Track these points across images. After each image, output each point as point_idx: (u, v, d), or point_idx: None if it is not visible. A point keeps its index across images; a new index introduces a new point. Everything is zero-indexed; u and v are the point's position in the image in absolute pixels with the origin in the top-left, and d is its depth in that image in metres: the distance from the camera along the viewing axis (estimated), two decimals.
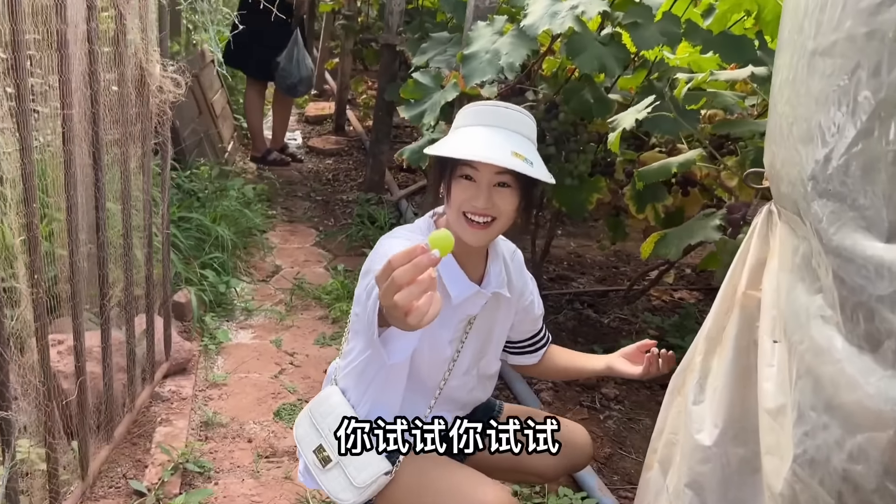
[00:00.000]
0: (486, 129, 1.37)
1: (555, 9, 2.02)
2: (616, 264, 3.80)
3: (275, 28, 4.42)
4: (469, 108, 1.41)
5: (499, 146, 1.34)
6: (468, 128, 1.39)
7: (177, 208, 3.20)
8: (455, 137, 1.38)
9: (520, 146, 1.38)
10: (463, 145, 1.34)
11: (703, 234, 1.46)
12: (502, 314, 1.63)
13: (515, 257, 1.67)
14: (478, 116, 1.39)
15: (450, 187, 1.39)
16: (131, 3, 1.83)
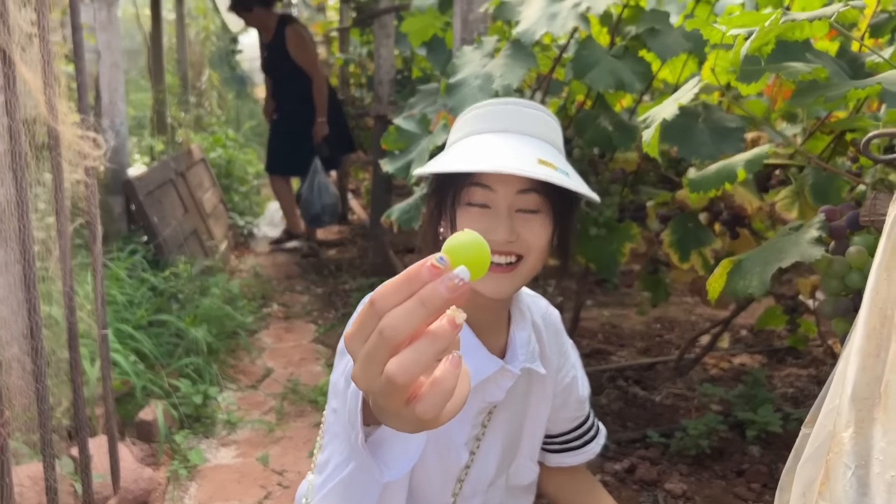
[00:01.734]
0: (496, 136, 0.98)
1: (553, 9, 1.64)
2: (659, 332, 3.29)
3: (295, 120, 4.66)
4: (469, 112, 1.02)
5: (519, 154, 0.93)
6: (471, 137, 1.00)
7: (145, 311, 2.78)
8: (455, 150, 0.99)
9: (546, 153, 0.96)
10: (468, 157, 0.94)
11: (797, 252, 1.02)
12: (536, 398, 1.16)
13: (549, 318, 1.21)
14: (483, 121, 1.00)
15: (454, 220, 0.97)
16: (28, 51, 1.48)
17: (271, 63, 4.65)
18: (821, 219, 1.08)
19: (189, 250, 3.81)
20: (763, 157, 1.17)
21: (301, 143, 4.63)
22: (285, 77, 4.59)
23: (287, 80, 4.59)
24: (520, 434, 1.17)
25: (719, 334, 2.59)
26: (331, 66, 5.68)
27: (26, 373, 1.69)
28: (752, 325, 3.15)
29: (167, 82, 5.00)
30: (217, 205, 4.99)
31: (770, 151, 1.20)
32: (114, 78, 3.28)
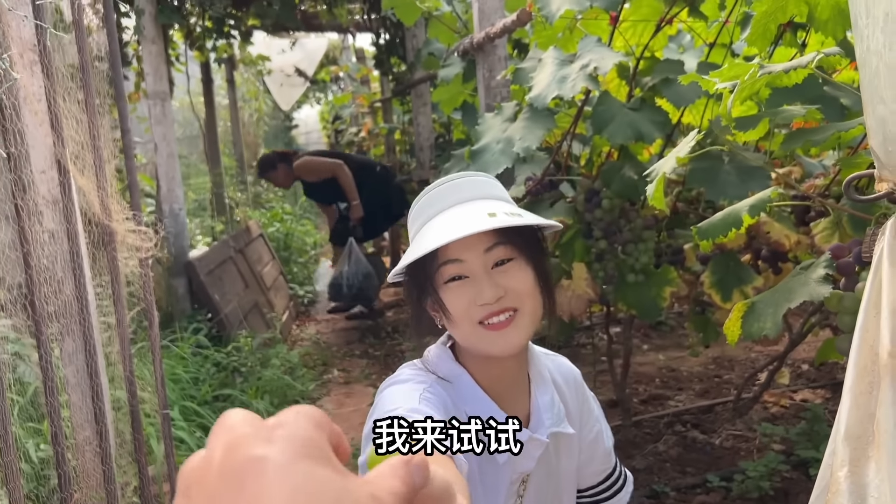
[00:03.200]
0: (444, 214, 1.02)
1: (563, 73, 1.71)
2: (717, 373, 3.24)
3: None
4: (415, 206, 1.07)
5: (467, 218, 0.98)
6: (424, 225, 1.04)
7: (209, 387, 2.90)
8: (415, 242, 1.04)
9: (493, 206, 1.00)
10: (425, 243, 0.99)
11: (806, 292, 1.03)
12: (566, 458, 1.17)
13: (569, 374, 1.23)
14: (428, 208, 1.04)
15: (442, 301, 1.01)
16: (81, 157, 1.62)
17: (308, 194, 5.21)
18: (827, 257, 1.09)
19: (251, 324, 3.96)
20: (767, 200, 1.19)
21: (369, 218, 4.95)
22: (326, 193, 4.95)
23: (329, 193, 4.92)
24: (557, 497, 1.18)
25: (776, 371, 2.54)
26: (377, 135, 5.87)
27: (95, 455, 1.80)
28: (813, 359, 3.07)
29: (224, 164, 5.26)
30: (277, 277, 5.16)
31: (774, 194, 1.22)
32: (170, 167, 3.49)
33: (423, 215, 1.03)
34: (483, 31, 2.18)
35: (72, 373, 1.98)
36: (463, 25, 2.75)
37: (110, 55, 1.81)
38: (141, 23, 3.37)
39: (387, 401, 1.02)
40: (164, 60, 3.59)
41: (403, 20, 2.84)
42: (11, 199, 1.39)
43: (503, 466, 1.05)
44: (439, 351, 1.08)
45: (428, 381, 1.03)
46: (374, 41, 4.53)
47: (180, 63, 4.54)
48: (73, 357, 1.95)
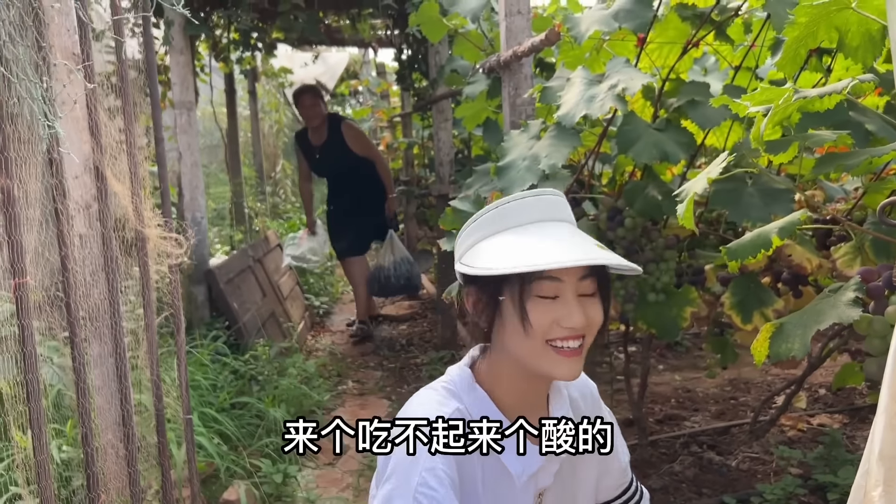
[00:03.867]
0: (539, 227, 1.03)
1: (591, 92, 1.73)
2: (733, 395, 3.23)
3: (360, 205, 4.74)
4: (485, 215, 1.05)
5: (577, 243, 1.00)
6: (511, 233, 1.03)
7: (228, 394, 2.92)
8: (505, 248, 1.01)
9: (588, 237, 1.04)
10: (539, 253, 0.98)
11: (835, 314, 1.04)
12: (582, 473, 1.18)
13: (585, 389, 1.24)
14: (505, 219, 1.04)
15: (524, 315, 1.00)
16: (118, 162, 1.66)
17: (327, 162, 4.72)
18: (857, 280, 1.11)
19: (268, 333, 3.99)
20: (796, 223, 1.21)
21: (365, 225, 4.76)
22: (345, 171, 4.69)
23: (347, 173, 4.69)
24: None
25: (793, 394, 2.54)
26: (395, 149, 5.92)
27: (119, 458, 1.82)
28: (831, 384, 3.06)
29: (244, 175, 5.31)
30: (293, 287, 5.20)
31: (803, 217, 1.23)
32: (194, 176, 3.54)
33: (498, 225, 1.04)
34: (510, 50, 2.21)
35: (98, 376, 2.01)
36: (489, 44, 2.78)
37: (147, 65, 1.85)
38: (170, 33, 3.43)
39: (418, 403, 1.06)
40: (191, 71, 3.65)
41: (429, 37, 2.87)
42: (52, 203, 1.43)
43: (522, 487, 1.07)
44: (461, 373, 1.10)
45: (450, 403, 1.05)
46: (396, 56, 4.58)
47: (205, 74, 4.60)
48: (100, 361, 1.98)
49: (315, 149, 4.66)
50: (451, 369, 1.14)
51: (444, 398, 1.07)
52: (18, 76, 1.24)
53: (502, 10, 2.27)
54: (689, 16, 2.01)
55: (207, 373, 2.97)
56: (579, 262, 0.95)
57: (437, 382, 1.12)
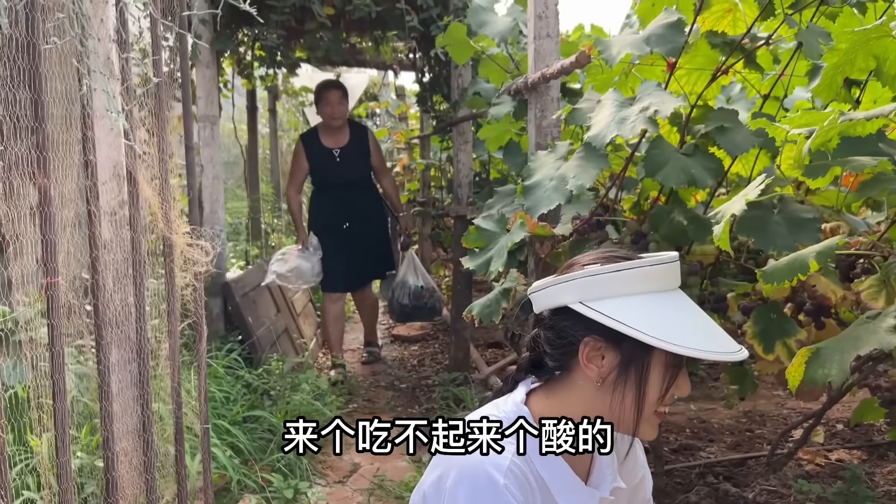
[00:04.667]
0: (680, 298, 1.03)
1: (622, 114, 1.74)
2: (749, 426, 3.20)
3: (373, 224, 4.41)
4: (644, 270, 1.00)
5: (720, 331, 1.02)
6: (659, 299, 1.00)
7: (241, 407, 2.91)
8: (666, 318, 0.98)
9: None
10: (709, 337, 0.98)
11: (875, 340, 1.03)
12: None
13: None
14: (661, 279, 1.01)
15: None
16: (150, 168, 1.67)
17: (346, 166, 4.30)
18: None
19: (281, 348, 3.98)
20: (834, 248, 1.20)
21: (377, 247, 4.45)
22: (361, 181, 4.37)
23: (362, 184, 4.38)
24: None
25: (811, 428, 2.51)
26: (412, 170, 5.96)
27: (133, 466, 1.81)
28: (849, 419, 3.02)
29: (262, 191, 5.34)
30: (306, 304, 5.20)
31: (841, 242, 1.23)
32: (215, 189, 3.57)
33: (641, 285, 0.99)
34: (539, 72, 2.23)
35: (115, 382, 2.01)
36: (515, 66, 2.80)
37: (182, 77, 1.87)
38: (198, 48, 3.47)
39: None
40: (216, 86, 3.69)
41: (455, 59, 2.90)
42: (86, 205, 1.43)
43: None
44: (518, 410, 1.08)
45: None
46: (418, 79, 4.62)
47: (227, 89, 4.65)
48: (120, 367, 1.98)
49: (332, 151, 4.28)
50: (503, 402, 1.11)
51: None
52: (90, 70, 1.25)
53: (531, 32, 2.29)
54: (720, 43, 2.01)
55: (221, 385, 2.96)
56: (736, 356, 0.97)
57: (487, 414, 1.09)
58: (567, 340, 1.03)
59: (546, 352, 1.06)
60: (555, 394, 1.07)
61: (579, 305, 0.99)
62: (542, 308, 1.07)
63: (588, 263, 1.04)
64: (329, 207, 4.31)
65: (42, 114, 1.26)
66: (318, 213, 4.39)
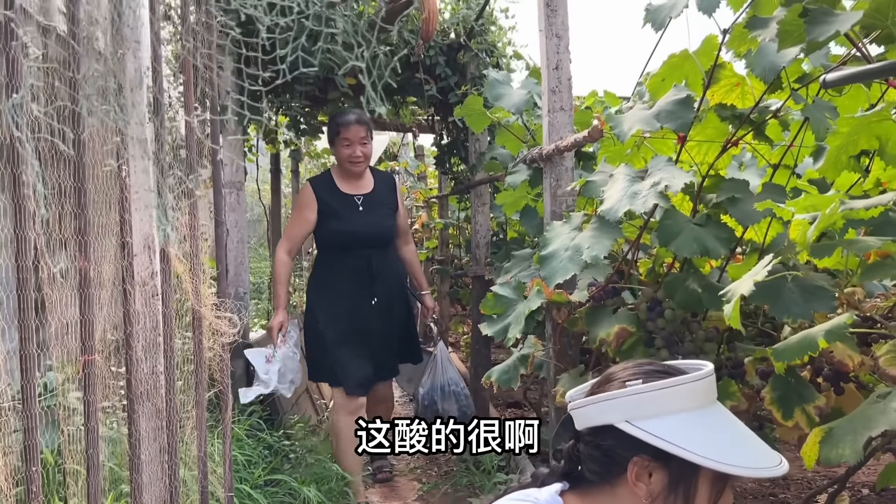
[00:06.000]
0: (720, 412, 1.08)
1: (634, 189, 1.80)
2: (772, 490, 3.16)
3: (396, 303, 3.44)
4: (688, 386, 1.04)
5: (764, 444, 1.07)
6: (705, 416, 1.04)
7: (262, 470, 2.94)
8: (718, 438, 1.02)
9: None
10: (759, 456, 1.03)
11: (886, 420, 1.06)
12: None
13: None
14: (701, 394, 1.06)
15: (713, 502, 1.04)
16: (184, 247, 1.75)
17: (370, 219, 3.33)
18: None
19: (301, 409, 4.01)
20: (844, 327, 1.24)
21: (410, 329, 3.60)
22: (386, 243, 3.42)
23: (387, 247, 3.44)
24: None
25: (837, 493, 2.48)
26: (432, 229, 6.05)
27: None
28: (874, 484, 2.98)
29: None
30: None
31: (849, 321, 1.26)
32: (239, 252, 3.66)
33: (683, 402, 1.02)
34: (553, 144, 2.30)
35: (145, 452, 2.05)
36: (530, 136, 2.89)
37: (212, 153, 1.96)
38: (226, 119, 3.61)
39: None
40: (241, 152, 3.82)
41: (473, 128, 3.00)
42: (122, 284, 1.50)
43: None
44: (552, 500, 1.11)
45: None
46: (436, 142, 4.74)
47: (252, 154, 4.79)
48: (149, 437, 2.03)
49: (353, 199, 3.32)
50: (534, 492, 1.14)
51: None
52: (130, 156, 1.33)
53: (545, 105, 2.38)
54: (728, 116, 2.08)
55: (243, 448, 2.99)
56: (777, 471, 1.00)
57: (517, 500, 1.12)
58: (613, 460, 1.05)
59: (589, 467, 1.09)
60: (592, 500, 1.09)
61: (625, 425, 1.02)
62: (586, 425, 1.09)
63: (628, 379, 1.07)
64: (351, 275, 3.26)
65: (84, 201, 1.34)
66: (333, 284, 3.29)
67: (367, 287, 3.30)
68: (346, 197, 3.34)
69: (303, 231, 3.38)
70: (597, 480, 1.08)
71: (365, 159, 3.33)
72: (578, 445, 1.10)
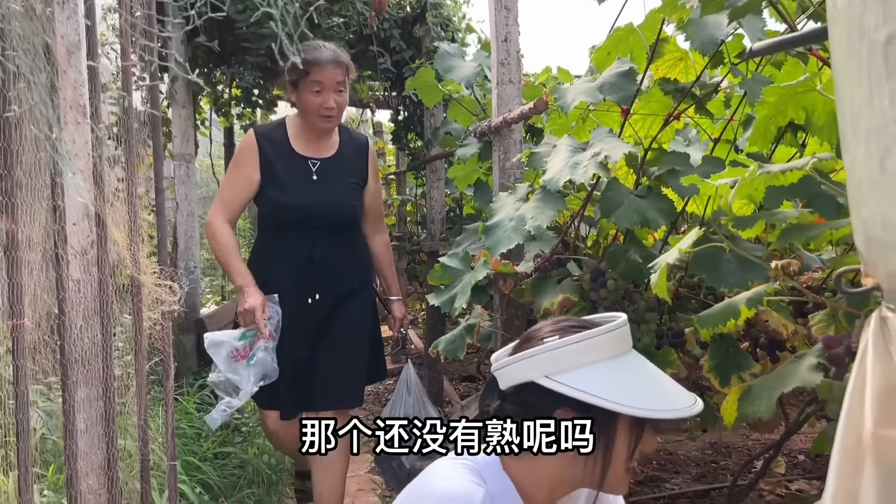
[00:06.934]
0: (637, 360, 1.12)
1: (576, 159, 1.82)
2: (714, 458, 3.25)
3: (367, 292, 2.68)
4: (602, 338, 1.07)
5: (676, 387, 1.12)
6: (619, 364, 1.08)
7: (212, 443, 2.92)
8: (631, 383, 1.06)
9: None
10: (674, 397, 1.07)
11: (798, 378, 1.10)
12: None
13: None
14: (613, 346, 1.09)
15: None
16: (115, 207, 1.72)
17: (329, 189, 2.53)
18: (820, 347, 1.16)
19: None
20: (763, 294, 1.28)
21: (375, 342, 2.75)
22: (347, 224, 2.59)
23: (348, 231, 2.61)
24: None
25: (772, 459, 2.57)
26: (389, 206, 6.04)
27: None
28: (809, 450, 3.09)
29: (238, 226, 5.37)
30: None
31: (770, 289, 1.30)
32: (189, 226, 3.61)
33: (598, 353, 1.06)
34: (501, 116, 2.31)
35: (81, 420, 2.03)
36: (481, 109, 2.90)
37: (151, 119, 1.93)
38: (173, 88, 3.54)
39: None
40: (192, 124, 3.76)
41: (425, 101, 2.99)
42: (53, 249, 1.48)
43: None
44: (489, 459, 1.13)
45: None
46: (393, 117, 4.71)
47: (205, 127, 4.72)
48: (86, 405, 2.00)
49: (307, 163, 2.53)
50: (480, 465, 1.14)
51: (472, 477, 1.09)
52: (39, 125, 1.30)
53: (495, 78, 2.38)
54: (671, 90, 2.11)
55: (192, 421, 2.98)
56: (692, 411, 1.06)
57: (458, 461, 1.13)
58: (537, 415, 1.08)
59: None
60: (525, 456, 1.10)
61: (545, 380, 1.05)
62: (509, 384, 1.11)
63: (546, 336, 1.10)
64: (289, 264, 2.50)
65: (10, 161, 1.31)
66: (267, 274, 2.47)
67: (305, 280, 2.49)
68: (297, 159, 2.52)
69: (242, 194, 2.50)
70: None
71: (339, 112, 2.49)
72: (505, 405, 1.12)
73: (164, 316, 1.86)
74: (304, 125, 2.55)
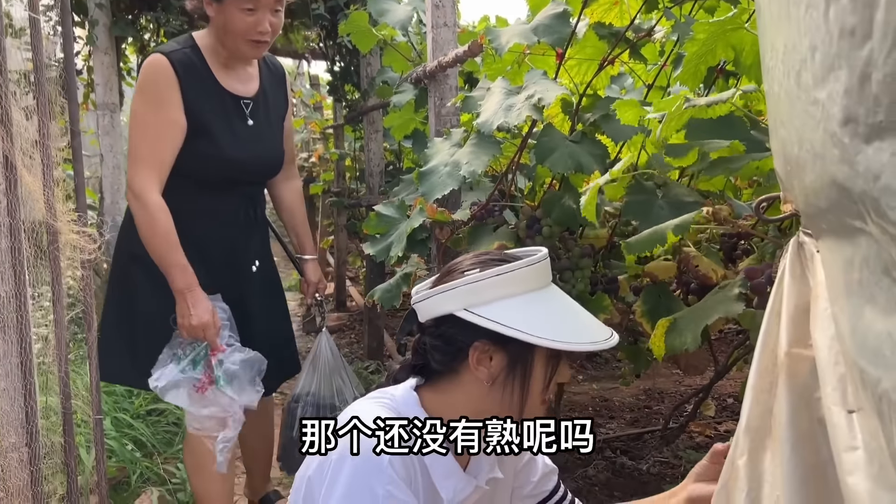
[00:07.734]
0: (554, 293, 1.11)
1: (509, 102, 1.80)
2: (647, 403, 3.35)
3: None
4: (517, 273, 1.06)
5: (593, 321, 1.11)
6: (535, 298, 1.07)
7: (144, 400, 2.86)
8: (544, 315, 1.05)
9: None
10: (586, 329, 1.07)
11: (723, 308, 1.12)
12: (499, 495, 1.24)
13: None
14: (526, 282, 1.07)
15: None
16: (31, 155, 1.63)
17: (261, 138, 2.14)
18: (742, 277, 1.18)
19: None
20: (690, 222, 1.29)
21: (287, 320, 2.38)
22: (272, 175, 2.27)
23: (263, 179, 2.27)
24: None
25: (701, 402, 2.65)
26: (328, 160, 5.93)
27: (23, 461, 1.77)
28: (738, 394, 3.20)
29: None
30: None
31: (698, 217, 1.31)
32: (115, 179, 3.47)
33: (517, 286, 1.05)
34: (436, 60, 2.27)
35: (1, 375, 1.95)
36: (417, 55, 2.84)
37: (65, 59, 1.82)
38: (94, 33, 3.37)
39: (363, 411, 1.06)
40: (116, 72, 3.59)
41: (360, 47, 2.91)
42: None
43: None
44: (406, 395, 1.12)
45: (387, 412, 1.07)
46: (329, 68, 4.60)
47: (131, 77, 4.52)
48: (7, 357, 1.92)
49: (238, 104, 2.09)
50: (391, 389, 1.15)
51: (388, 413, 1.08)
52: None
53: (429, 21, 2.33)
54: (606, 34, 2.10)
55: None
56: (608, 344, 1.05)
57: (374, 399, 1.13)
58: (455, 347, 1.08)
59: (434, 357, 1.11)
60: (443, 391, 1.11)
61: (464, 312, 1.04)
62: (428, 317, 1.11)
63: (466, 270, 1.09)
64: (224, 229, 2.12)
65: None
66: (193, 240, 2.00)
67: (242, 248, 2.15)
68: (226, 98, 2.05)
69: (172, 147, 1.96)
70: (443, 370, 1.10)
71: (272, 37, 2.03)
72: (424, 338, 1.11)
73: (83, 264, 1.78)
74: (223, 51, 2.03)
